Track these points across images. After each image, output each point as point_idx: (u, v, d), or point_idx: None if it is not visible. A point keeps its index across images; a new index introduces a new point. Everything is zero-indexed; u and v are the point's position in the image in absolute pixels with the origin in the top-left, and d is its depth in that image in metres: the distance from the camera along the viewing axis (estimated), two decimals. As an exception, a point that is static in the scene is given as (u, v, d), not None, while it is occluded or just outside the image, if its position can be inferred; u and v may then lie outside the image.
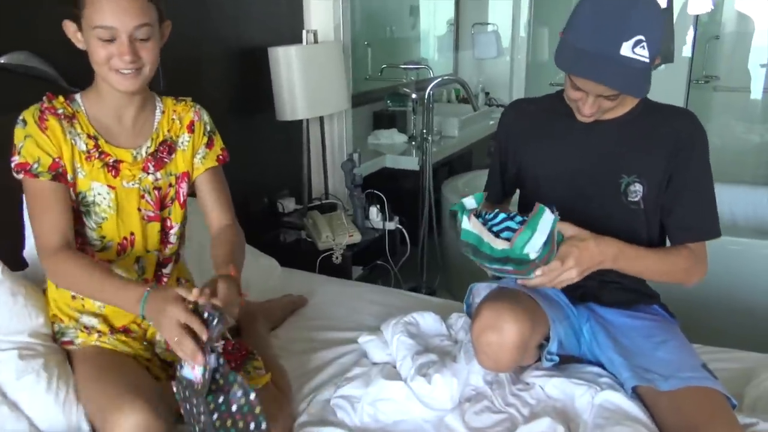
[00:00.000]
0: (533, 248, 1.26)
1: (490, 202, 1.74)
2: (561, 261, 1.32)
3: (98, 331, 1.45)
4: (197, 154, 1.54)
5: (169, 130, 1.51)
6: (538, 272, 1.31)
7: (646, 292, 1.62)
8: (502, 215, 1.36)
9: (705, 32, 4.28)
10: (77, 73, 1.75)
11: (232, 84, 2.50)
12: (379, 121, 3.58)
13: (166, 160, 1.50)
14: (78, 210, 1.42)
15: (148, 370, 1.46)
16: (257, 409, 1.24)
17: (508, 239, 1.29)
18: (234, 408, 1.24)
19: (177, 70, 2.07)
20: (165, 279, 1.55)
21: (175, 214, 1.53)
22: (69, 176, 1.39)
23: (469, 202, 1.36)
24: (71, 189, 1.40)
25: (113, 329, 1.47)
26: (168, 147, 1.51)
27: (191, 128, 1.53)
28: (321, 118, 2.80)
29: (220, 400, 1.24)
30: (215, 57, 2.39)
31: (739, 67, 4.47)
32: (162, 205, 1.50)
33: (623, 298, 1.59)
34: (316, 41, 2.66)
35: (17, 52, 1.68)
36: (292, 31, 2.70)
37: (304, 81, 2.47)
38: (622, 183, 1.50)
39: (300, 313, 1.96)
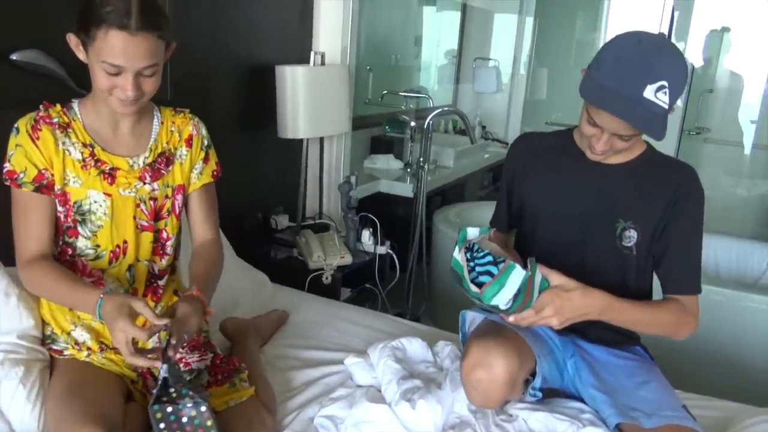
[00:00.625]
0: (501, 302, 1.30)
1: (497, 231, 1.76)
2: (538, 309, 1.35)
3: (88, 348, 1.45)
4: (194, 169, 1.56)
5: (167, 142, 1.52)
6: (510, 318, 1.35)
7: (628, 334, 1.65)
8: (489, 258, 1.36)
9: (699, 84, 4.39)
10: (86, 74, 1.78)
11: (238, 98, 2.53)
12: (376, 146, 3.62)
13: (163, 171, 1.51)
14: (72, 219, 1.43)
15: (131, 393, 1.46)
16: (209, 422, 1.28)
17: (482, 284, 1.31)
18: (184, 420, 1.29)
19: (185, 80, 2.10)
20: (161, 291, 1.56)
21: (171, 225, 1.55)
22: (57, 187, 1.40)
23: (473, 232, 1.38)
24: (59, 200, 1.41)
25: (104, 346, 1.47)
26: (166, 159, 1.52)
27: (189, 142, 1.55)
28: (321, 139, 2.83)
29: (169, 410, 1.28)
30: (224, 71, 2.43)
31: (731, 121, 4.57)
32: (157, 216, 1.51)
33: (608, 337, 1.62)
34: (323, 63, 2.70)
35: (29, 50, 1.70)
36: (300, 51, 2.75)
37: (308, 101, 2.51)
38: (618, 227, 1.53)
39: (287, 330, 1.97)
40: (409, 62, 4.18)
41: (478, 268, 1.35)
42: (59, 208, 1.42)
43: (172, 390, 1.29)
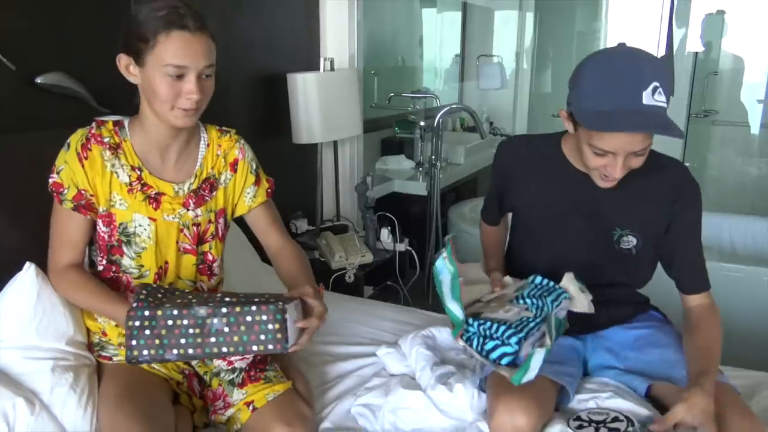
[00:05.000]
0: (530, 377, 1.32)
1: (490, 226, 1.80)
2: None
3: None
4: (246, 194, 1.58)
5: (213, 167, 1.53)
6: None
7: (638, 302, 1.67)
8: (501, 329, 1.37)
9: (704, 68, 4.42)
10: (107, 94, 1.84)
11: (253, 107, 2.59)
12: (387, 148, 3.67)
13: (207, 198, 1.52)
14: (117, 239, 1.46)
15: (177, 396, 1.51)
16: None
17: (505, 364, 1.36)
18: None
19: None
20: None
21: (216, 248, 1.58)
22: (102, 208, 1.43)
23: (440, 264, 1.46)
24: (103, 220, 1.44)
25: None
26: (210, 185, 1.53)
27: (234, 167, 1.56)
28: (335, 143, 2.89)
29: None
30: (238, 82, 2.48)
31: (737, 102, 4.60)
32: (201, 239, 1.54)
33: (620, 314, 1.64)
34: (332, 68, 2.75)
35: (53, 73, 1.75)
36: (310, 58, 2.81)
37: (321, 106, 2.56)
38: (615, 234, 1.54)
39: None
40: (413, 64, 4.24)
41: (487, 347, 1.38)
42: (103, 228, 1.46)
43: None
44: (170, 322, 1.26)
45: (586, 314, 1.51)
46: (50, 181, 1.42)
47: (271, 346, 1.29)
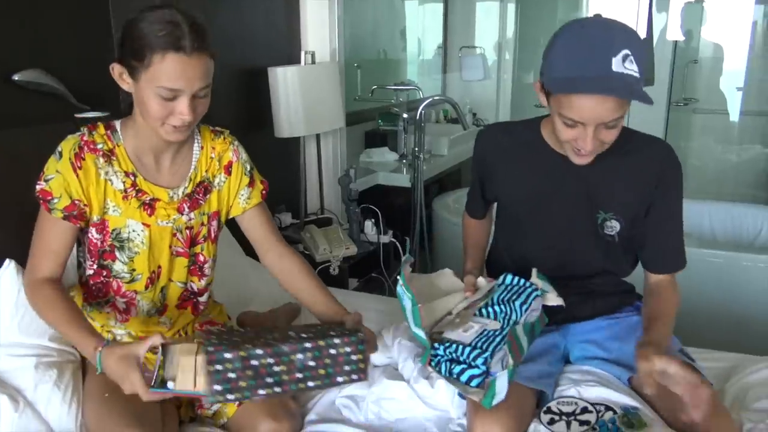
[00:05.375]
0: (500, 398, 1.32)
1: (475, 220, 1.80)
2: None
3: None
4: (240, 196, 1.55)
5: (207, 170, 1.51)
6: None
7: (624, 290, 1.67)
8: (466, 350, 1.37)
9: (684, 56, 4.45)
10: (86, 90, 1.83)
11: (234, 102, 2.59)
12: (371, 140, 3.68)
13: (201, 201, 1.50)
14: (110, 244, 1.43)
15: None
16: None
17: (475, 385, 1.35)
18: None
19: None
20: (201, 307, 1.61)
21: (208, 250, 1.56)
22: (96, 217, 1.40)
23: (412, 326, 1.45)
24: (96, 228, 1.41)
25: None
26: (204, 188, 1.51)
27: (228, 170, 1.53)
28: (317, 136, 2.89)
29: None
30: (219, 76, 2.45)
31: (717, 90, 4.65)
32: (193, 242, 1.52)
33: (604, 307, 1.64)
34: (313, 62, 2.76)
35: (30, 70, 1.74)
36: (290, 52, 2.81)
37: (302, 100, 2.56)
38: (599, 218, 1.52)
39: (301, 320, 2.03)
40: (396, 56, 4.24)
41: (456, 369, 1.38)
42: (96, 235, 1.42)
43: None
44: (255, 362, 1.20)
45: (570, 306, 1.52)
46: (37, 187, 1.37)
47: (355, 377, 1.28)
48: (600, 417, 1.37)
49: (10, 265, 1.47)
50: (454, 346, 1.38)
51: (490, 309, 1.47)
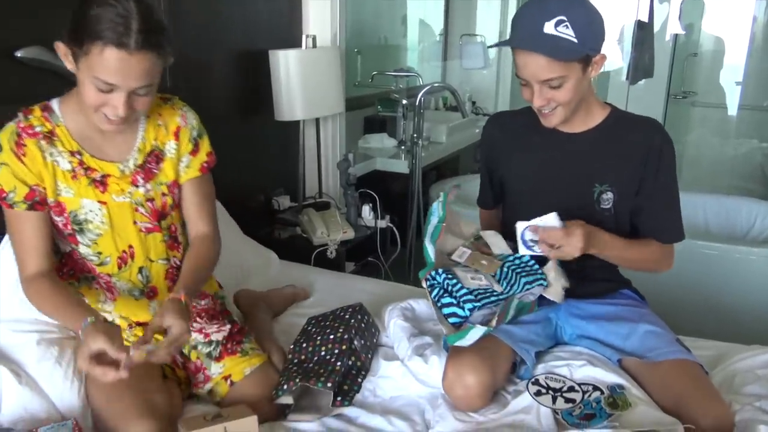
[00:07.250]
0: (463, 344, 1.46)
1: (484, 210, 1.87)
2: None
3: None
4: (181, 162, 1.50)
5: (155, 139, 1.46)
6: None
7: (617, 279, 1.74)
8: (462, 291, 1.48)
9: (683, 49, 4.46)
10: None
11: (234, 85, 2.59)
12: (370, 126, 3.68)
13: (155, 170, 1.46)
14: (72, 228, 1.41)
15: (162, 369, 1.52)
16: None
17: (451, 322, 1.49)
18: None
19: (184, 70, 2.16)
20: None
21: (179, 218, 1.54)
22: (51, 199, 1.37)
23: (428, 239, 1.56)
24: (54, 210, 1.38)
25: (131, 324, 1.51)
26: (156, 157, 1.46)
27: (177, 135, 1.48)
28: (317, 120, 2.90)
29: None
30: (219, 58, 2.49)
31: (716, 84, 4.66)
32: (161, 214, 1.49)
33: (596, 289, 1.70)
34: (314, 45, 2.76)
35: (32, 47, 1.74)
36: (292, 35, 2.81)
37: (302, 83, 2.57)
38: (595, 191, 1.60)
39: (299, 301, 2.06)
40: (397, 42, 4.24)
41: (444, 300, 1.50)
42: (57, 218, 1.40)
43: None
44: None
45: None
46: None
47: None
48: (586, 397, 1.42)
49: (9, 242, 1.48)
50: (455, 281, 1.48)
51: (498, 271, 1.55)
